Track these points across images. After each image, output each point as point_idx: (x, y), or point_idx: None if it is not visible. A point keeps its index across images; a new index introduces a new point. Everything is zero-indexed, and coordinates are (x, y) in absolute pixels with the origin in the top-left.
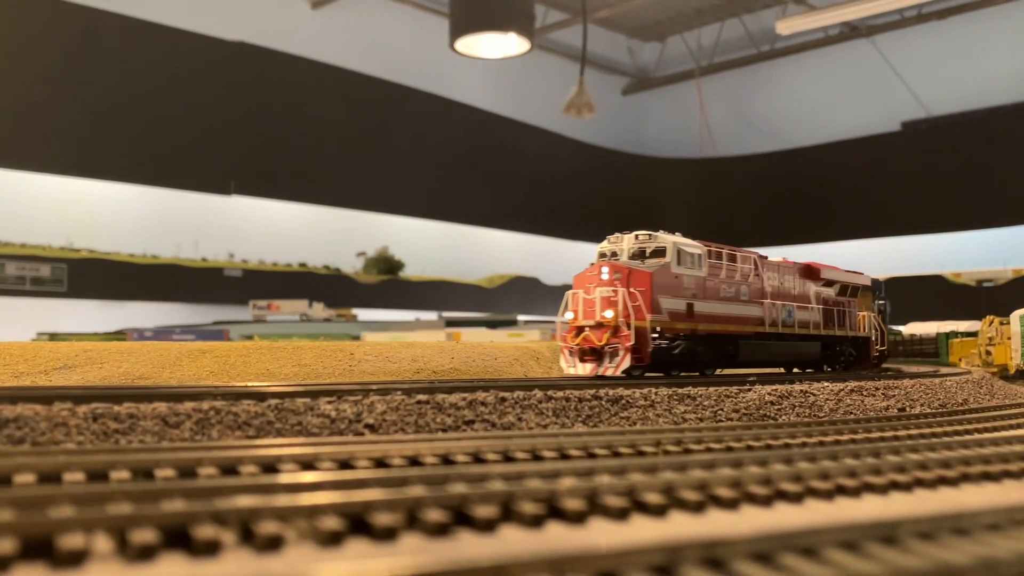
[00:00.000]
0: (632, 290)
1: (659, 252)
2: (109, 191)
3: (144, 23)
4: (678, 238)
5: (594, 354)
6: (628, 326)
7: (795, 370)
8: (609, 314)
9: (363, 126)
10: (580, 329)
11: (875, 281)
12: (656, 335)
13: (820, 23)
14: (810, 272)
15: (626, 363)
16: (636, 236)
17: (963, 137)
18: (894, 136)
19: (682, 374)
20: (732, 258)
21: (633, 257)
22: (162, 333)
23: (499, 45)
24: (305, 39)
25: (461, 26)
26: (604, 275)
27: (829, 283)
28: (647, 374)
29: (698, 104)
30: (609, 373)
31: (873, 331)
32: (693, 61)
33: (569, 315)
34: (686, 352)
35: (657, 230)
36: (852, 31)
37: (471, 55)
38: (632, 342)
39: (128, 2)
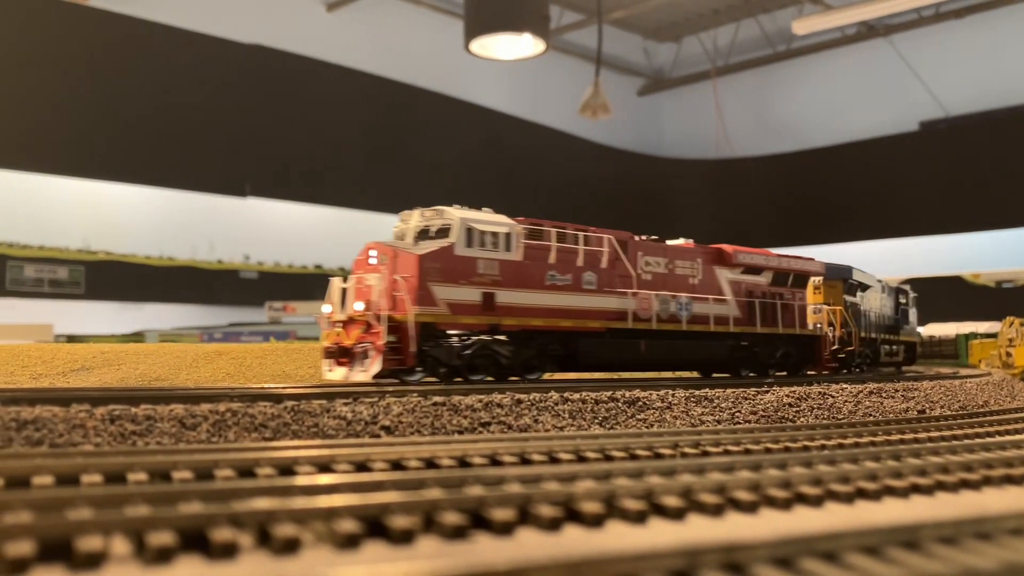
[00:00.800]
0: (396, 277)
1: (445, 231)
2: (126, 193)
3: (159, 26)
4: (470, 213)
5: (347, 355)
6: (380, 320)
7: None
8: (359, 306)
9: (378, 128)
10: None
11: (833, 267)
12: (440, 331)
13: (837, 23)
14: (721, 257)
15: (376, 366)
16: (423, 213)
17: (982, 137)
18: (912, 136)
19: (512, 379)
20: (573, 239)
21: (418, 238)
22: (232, 335)
23: (514, 46)
24: (320, 42)
25: (476, 27)
26: (372, 259)
27: (753, 270)
28: (456, 380)
29: (714, 105)
30: (358, 378)
31: (831, 328)
32: (709, 62)
33: (327, 308)
34: (482, 352)
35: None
36: (869, 31)
37: (486, 56)
38: (385, 340)
39: (144, 5)
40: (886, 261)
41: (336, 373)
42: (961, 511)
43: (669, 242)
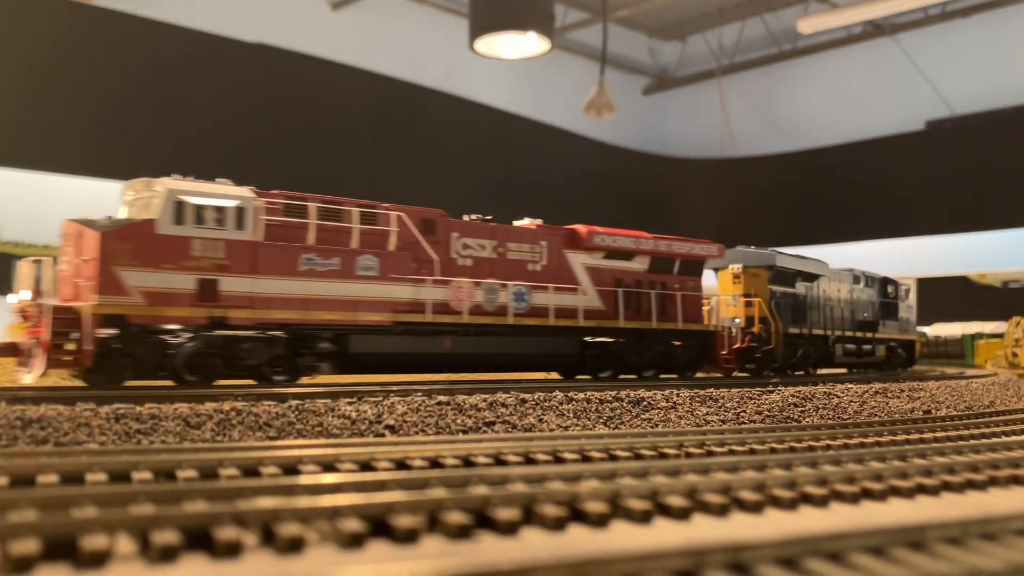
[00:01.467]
0: (76, 260)
1: (150, 205)
2: None
3: (164, 25)
4: (186, 183)
5: (18, 352)
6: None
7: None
8: (25, 295)
9: (383, 126)
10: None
11: (746, 253)
12: (146, 325)
13: (842, 22)
14: (574, 239)
15: (40, 367)
16: (132, 185)
17: (988, 136)
18: (918, 135)
19: (264, 382)
20: (346, 216)
21: (131, 214)
22: None
23: (519, 45)
24: (325, 40)
25: (480, 26)
26: (64, 238)
27: (620, 255)
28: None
29: (719, 104)
30: (27, 380)
31: (735, 322)
32: (714, 60)
33: (13, 298)
34: (203, 351)
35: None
36: (875, 29)
37: (490, 55)
38: (49, 335)
39: (148, 5)
40: (892, 261)
41: (20, 373)
42: (967, 511)
43: (516, 222)
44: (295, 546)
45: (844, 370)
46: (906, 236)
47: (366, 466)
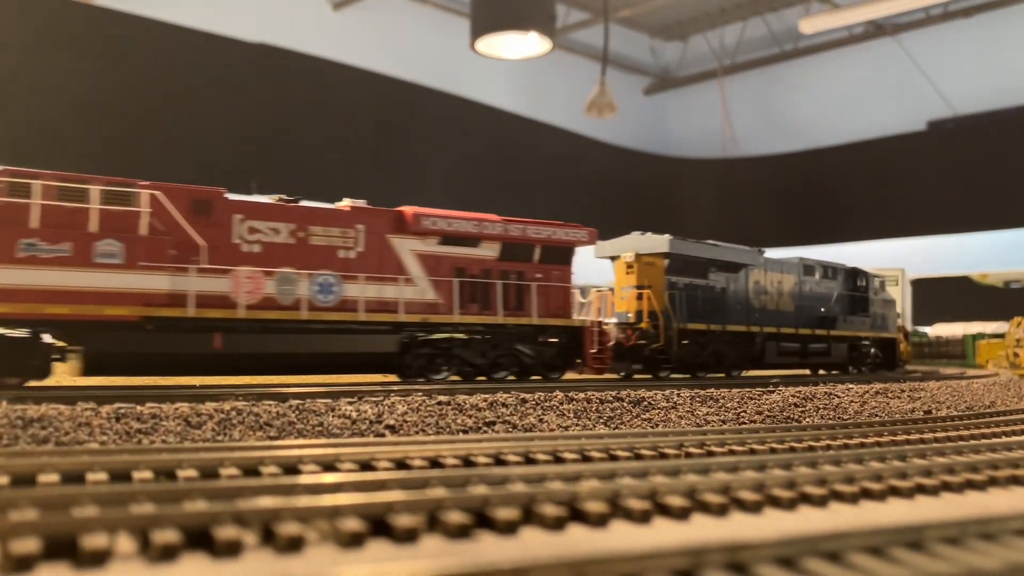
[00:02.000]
0: None
1: None
2: None
3: (165, 25)
4: None
5: None
6: None
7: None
8: None
9: (384, 126)
10: None
11: (632, 236)
12: None
13: (844, 22)
14: (401, 223)
15: None
16: None
17: (990, 136)
18: (920, 135)
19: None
20: (84, 196)
21: None
22: None
23: (520, 45)
24: (326, 40)
25: (482, 26)
26: None
27: (459, 240)
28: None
29: (720, 104)
30: None
31: (626, 317)
32: (715, 60)
33: None
34: None
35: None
36: (877, 29)
37: (492, 55)
38: None
39: (149, 4)
40: (893, 261)
41: None
42: (966, 512)
43: (339, 204)
44: (295, 545)
45: (807, 371)
46: (908, 236)
47: (366, 466)
